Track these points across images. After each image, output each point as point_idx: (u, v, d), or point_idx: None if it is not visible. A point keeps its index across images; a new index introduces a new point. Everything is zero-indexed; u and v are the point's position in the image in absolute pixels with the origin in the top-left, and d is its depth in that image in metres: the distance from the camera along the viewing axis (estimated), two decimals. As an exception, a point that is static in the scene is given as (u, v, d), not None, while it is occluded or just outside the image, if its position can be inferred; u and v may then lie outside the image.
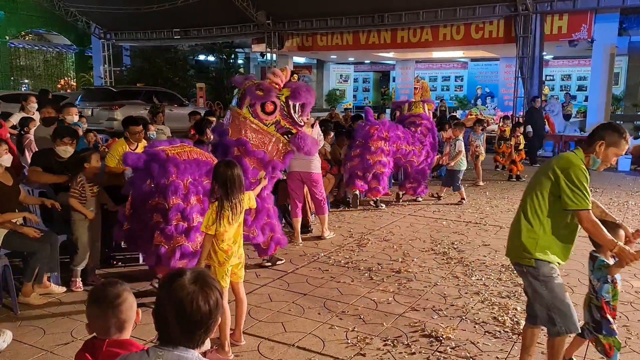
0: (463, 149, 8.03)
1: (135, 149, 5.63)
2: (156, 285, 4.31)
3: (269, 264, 5.08)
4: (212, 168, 3.95)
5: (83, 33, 22.76)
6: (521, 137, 10.48)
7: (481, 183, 9.72)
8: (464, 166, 8.09)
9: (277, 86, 4.52)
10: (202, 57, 25.05)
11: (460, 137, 8.15)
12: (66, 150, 4.94)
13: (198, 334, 1.54)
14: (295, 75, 4.83)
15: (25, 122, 7.09)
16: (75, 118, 7.06)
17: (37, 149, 6.31)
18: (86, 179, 4.40)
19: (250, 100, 4.45)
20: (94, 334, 1.84)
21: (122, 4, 18.09)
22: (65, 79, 27.25)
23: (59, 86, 26.31)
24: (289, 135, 4.53)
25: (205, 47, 23.51)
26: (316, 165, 5.96)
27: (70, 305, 4.07)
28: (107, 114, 13.77)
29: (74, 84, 26.50)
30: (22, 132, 7.10)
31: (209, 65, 24.81)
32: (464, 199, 8.08)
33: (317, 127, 6.17)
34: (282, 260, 5.18)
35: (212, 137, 5.68)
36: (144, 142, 5.85)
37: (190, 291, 1.51)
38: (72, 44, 25.87)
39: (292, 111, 4.50)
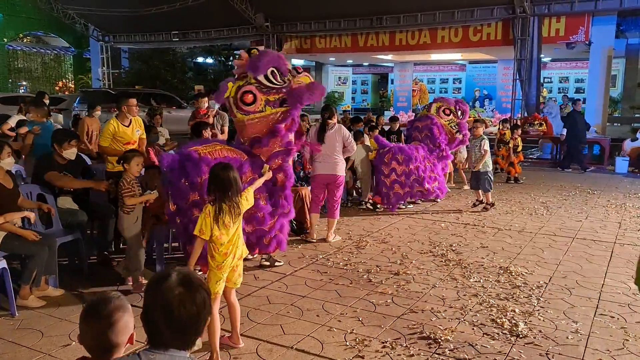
0: (488, 148, 7.63)
1: (129, 125, 5.63)
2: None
3: (268, 263, 5.10)
4: (241, 164, 4.31)
5: (81, 35, 22.78)
6: (519, 139, 10.50)
7: (466, 187, 9.31)
8: (490, 167, 7.78)
9: (241, 72, 4.53)
10: (200, 60, 25.09)
11: (484, 135, 7.82)
12: (73, 152, 4.98)
13: (188, 336, 1.54)
14: (254, 50, 4.81)
15: (22, 124, 7.08)
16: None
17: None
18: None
19: (232, 105, 4.50)
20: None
21: (121, 7, 18.10)
22: (63, 81, 27.25)
23: (57, 88, 26.32)
24: (286, 103, 4.47)
25: (203, 49, 23.55)
26: (341, 167, 6.01)
27: (69, 308, 4.06)
28: (105, 116, 13.74)
29: (72, 86, 26.50)
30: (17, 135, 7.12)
31: (207, 68, 24.85)
32: (489, 204, 7.70)
33: (343, 129, 6.09)
34: (280, 262, 5.18)
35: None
36: (138, 119, 5.84)
37: (176, 293, 1.51)
38: (70, 46, 25.87)
39: (266, 82, 4.40)
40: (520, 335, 3.64)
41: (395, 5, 15.06)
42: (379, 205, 7.73)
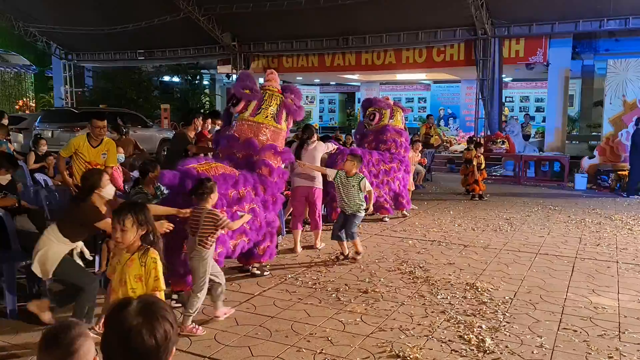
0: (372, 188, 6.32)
1: (97, 146, 5.56)
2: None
3: (259, 272, 5.19)
4: (236, 180, 4.54)
5: (43, 53, 22.30)
6: (482, 157, 10.73)
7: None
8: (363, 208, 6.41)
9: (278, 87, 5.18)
10: (166, 78, 24.88)
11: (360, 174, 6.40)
12: (6, 179, 4.92)
13: None
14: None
15: None
16: None
17: None
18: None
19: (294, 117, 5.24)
20: None
21: (84, 25, 17.88)
22: (24, 99, 26.55)
23: (17, 107, 25.61)
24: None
25: (170, 67, 23.38)
26: (319, 180, 6.29)
27: (28, 334, 3.90)
28: (68, 135, 13.44)
29: (33, 105, 25.84)
30: None
31: (173, 86, 24.65)
32: (358, 252, 6.02)
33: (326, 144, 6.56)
34: (268, 272, 5.27)
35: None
36: (111, 144, 5.77)
37: (134, 324, 1.41)
38: (31, 64, 25.29)
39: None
40: (487, 351, 3.68)
41: (361, 26, 15.35)
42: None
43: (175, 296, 4.57)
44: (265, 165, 5.01)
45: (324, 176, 6.30)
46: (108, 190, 4.01)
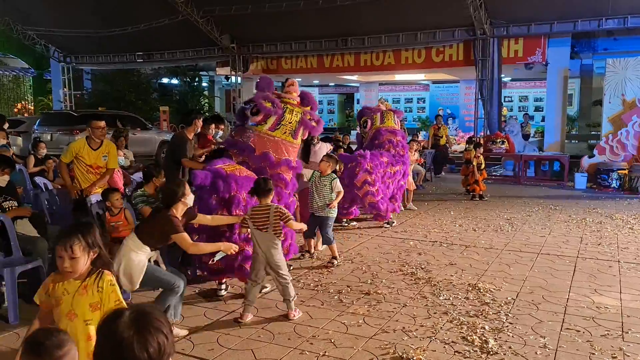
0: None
1: (97, 149, 5.55)
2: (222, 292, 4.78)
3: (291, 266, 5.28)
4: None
5: (41, 56, 22.29)
6: (481, 157, 10.71)
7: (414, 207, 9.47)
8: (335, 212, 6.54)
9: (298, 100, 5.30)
10: (165, 80, 24.88)
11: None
12: (4, 180, 4.93)
13: None
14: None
15: None
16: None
17: None
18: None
19: (309, 131, 5.27)
20: None
21: (83, 28, 17.87)
22: (23, 102, 26.53)
23: (16, 110, 25.58)
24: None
25: (168, 70, 23.38)
26: None
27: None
28: (67, 138, 13.43)
29: (32, 108, 25.83)
30: None
31: (172, 89, 24.65)
32: (335, 257, 6.00)
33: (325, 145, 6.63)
34: (291, 265, 5.39)
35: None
36: (112, 146, 5.77)
37: (125, 337, 1.35)
38: (29, 67, 25.26)
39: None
40: (491, 352, 3.68)
41: (360, 27, 15.36)
42: (354, 222, 7.78)
43: (223, 286, 4.86)
44: (280, 180, 5.06)
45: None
46: (190, 198, 4.01)
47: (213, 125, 7.45)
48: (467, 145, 11.44)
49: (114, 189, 5.21)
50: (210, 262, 4.47)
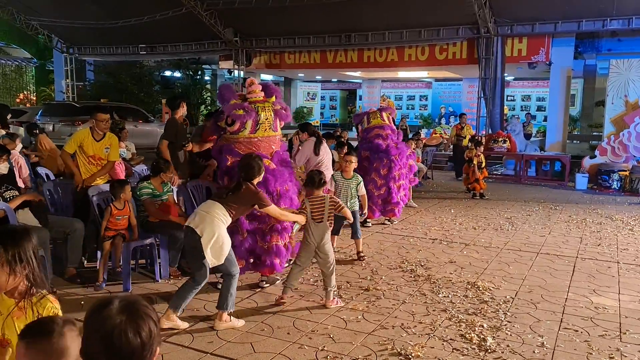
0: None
1: (100, 140, 5.57)
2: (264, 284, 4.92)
3: (267, 285, 5.01)
4: (288, 176, 4.85)
5: (44, 46, 22.26)
6: (482, 156, 10.69)
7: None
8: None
9: (262, 94, 5.12)
10: (168, 73, 24.85)
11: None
12: (5, 167, 4.92)
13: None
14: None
15: None
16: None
17: None
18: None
19: (284, 120, 5.14)
20: None
21: (86, 19, 17.82)
22: (25, 93, 26.53)
23: (18, 100, 25.59)
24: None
25: (171, 62, 23.35)
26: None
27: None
28: (69, 129, 13.45)
29: (34, 98, 25.82)
30: None
31: (175, 81, 24.63)
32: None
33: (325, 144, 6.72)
34: (278, 279, 5.12)
35: None
36: (114, 139, 5.78)
37: (117, 323, 1.33)
38: (32, 57, 25.24)
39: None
40: (489, 350, 3.69)
41: (364, 23, 15.32)
42: (368, 221, 7.77)
43: (264, 278, 4.97)
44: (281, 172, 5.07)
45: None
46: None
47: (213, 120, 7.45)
48: (469, 144, 11.42)
49: (125, 181, 5.22)
50: (289, 236, 4.79)
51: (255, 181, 4.17)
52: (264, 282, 4.97)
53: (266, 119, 4.98)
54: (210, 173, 6.82)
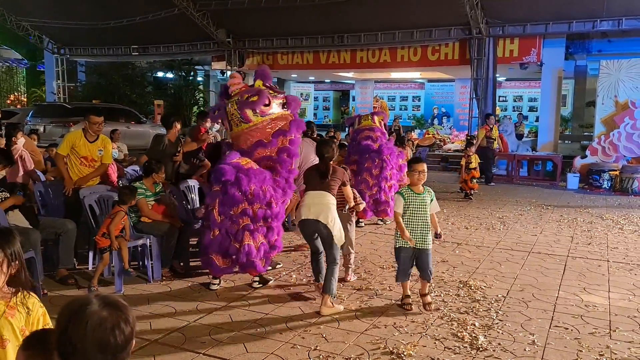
0: None
1: (94, 142, 5.56)
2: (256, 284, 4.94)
3: (270, 267, 5.18)
4: (266, 177, 4.78)
5: (35, 47, 22.12)
6: (472, 156, 10.65)
7: None
8: None
9: (241, 86, 5.06)
10: (160, 74, 24.77)
11: None
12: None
13: (121, 358, 1.41)
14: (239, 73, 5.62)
15: None
16: None
17: None
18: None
19: (252, 107, 4.89)
20: None
21: (78, 19, 17.75)
22: (16, 94, 26.35)
23: (9, 102, 25.41)
24: (285, 106, 5.12)
25: (164, 63, 23.27)
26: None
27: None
28: (60, 130, 13.39)
29: (25, 99, 25.66)
30: None
31: (167, 82, 24.54)
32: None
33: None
34: (280, 263, 5.42)
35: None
36: (107, 141, 5.77)
37: (103, 316, 1.38)
38: (23, 58, 25.08)
39: (273, 88, 5.17)
40: (481, 349, 3.72)
41: (356, 24, 15.35)
42: (361, 221, 7.77)
43: (216, 280, 4.93)
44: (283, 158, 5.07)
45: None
46: None
47: (208, 119, 7.47)
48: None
49: (135, 188, 5.18)
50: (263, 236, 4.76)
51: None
52: (256, 282, 4.97)
53: (232, 114, 4.98)
54: (204, 174, 6.82)
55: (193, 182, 6.46)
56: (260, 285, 4.97)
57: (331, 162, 4.54)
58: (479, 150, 11.91)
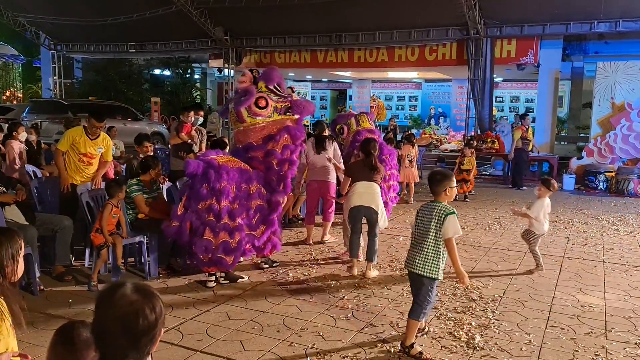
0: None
1: (94, 139, 5.61)
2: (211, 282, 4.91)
3: (267, 265, 5.43)
4: (250, 176, 4.78)
5: (31, 43, 22.02)
6: (467, 158, 10.42)
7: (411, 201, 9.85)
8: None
9: (249, 84, 5.02)
10: (157, 71, 24.71)
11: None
12: None
13: (144, 344, 1.47)
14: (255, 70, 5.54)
15: None
16: None
17: None
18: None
19: (244, 107, 4.85)
20: None
21: (75, 16, 17.67)
22: (11, 90, 26.24)
23: (5, 97, 25.30)
24: (290, 111, 5.08)
25: (161, 61, 23.20)
26: (333, 175, 6.63)
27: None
28: (57, 127, 13.33)
29: (21, 95, 25.56)
30: None
31: (164, 80, 24.49)
32: None
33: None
34: (277, 262, 5.54)
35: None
36: (108, 141, 5.83)
37: (134, 300, 1.46)
38: (19, 54, 24.97)
39: (276, 91, 5.06)
40: (477, 348, 3.73)
41: (354, 23, 15.36)
42: None
43: (212, 277, 4.94)
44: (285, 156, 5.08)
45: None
46: None
47: (192, 113, 7.60)
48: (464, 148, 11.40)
49: (120, 181, 5.19)
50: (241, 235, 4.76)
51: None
52: (222, 278, 5.02)
53: (230, 113, 5.03)
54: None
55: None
56: (227, 282, 5.01)
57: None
58: (515, 152, 11.96)
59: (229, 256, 4.69)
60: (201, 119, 7.94)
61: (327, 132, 7.13)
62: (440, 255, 3.60)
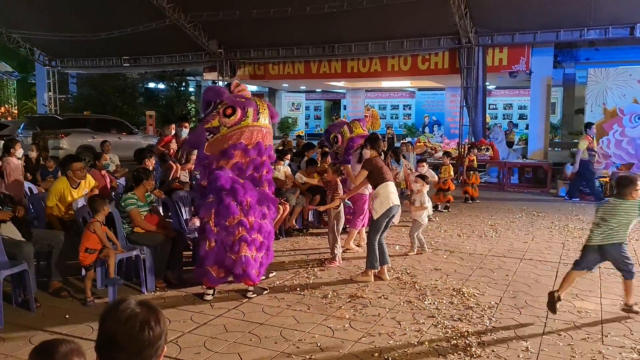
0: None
1: (77, 188, 5.53)
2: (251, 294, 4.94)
3: (254, 295, 4.97)
4: (265, 197, 4.90)
5: (26, 59, 22.06)
6: (444, 167, 10.24)
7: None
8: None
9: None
10: (152, 85, 24.78)
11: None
12: None
13: (148, 357, 1.50)
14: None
15: None
16: None
17: None
18: None
19: (214, 118, 4.81)
20: None
21: (69, 31, 17.74)
22: (6, 106, 26.24)
23: (0, 114, 25.29)
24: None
25: (155, 74, 23.29)
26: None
27: (14, 344, 3.86)
28: (52, 142, 13.34)
29: (16, 111, 25.55)
30: None
31: (158, 93, 24.56)
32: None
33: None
34: (266, 289, 5.12)
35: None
36: (89, 178, 5.77)
37: (139, 313, 1.50)
38: (14, 70, 25.00)
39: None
40: (475, 356, 3.74)
41: (347, 34, 15.48)
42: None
43: (210, 290, 4.92)
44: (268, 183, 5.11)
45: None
46: None
47: (173, 125, 7.71)
48: (465, 151, 11.51)
49: (103, 196, 5.20)
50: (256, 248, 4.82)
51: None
52: (251, 292, 4.97)
53: (264, 109, 4.94)
54: (173, 175, 7.09)
55: (185, 193, 6.46)
56: (255, 295, 4.97)
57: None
58: (580, 163, 10.94)
59: (261, 269, 4.92)
60: (186, 130, 7.89)
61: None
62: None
